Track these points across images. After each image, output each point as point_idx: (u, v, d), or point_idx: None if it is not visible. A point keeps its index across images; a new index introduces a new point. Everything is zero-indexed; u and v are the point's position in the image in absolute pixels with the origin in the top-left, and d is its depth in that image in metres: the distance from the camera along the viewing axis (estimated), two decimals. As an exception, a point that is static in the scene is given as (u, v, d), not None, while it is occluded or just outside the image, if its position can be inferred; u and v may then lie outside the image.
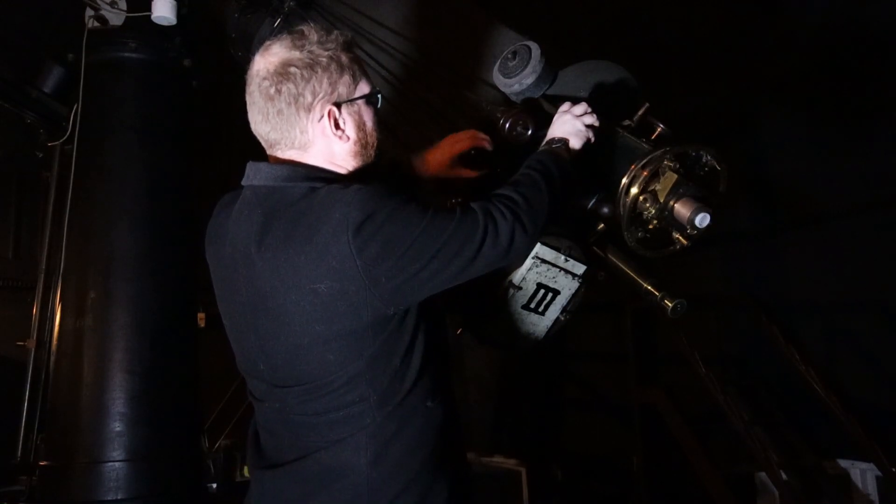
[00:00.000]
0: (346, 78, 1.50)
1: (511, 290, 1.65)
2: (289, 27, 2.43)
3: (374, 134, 1.56)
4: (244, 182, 1.54)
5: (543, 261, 1.65)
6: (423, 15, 2.09)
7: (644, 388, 4.87)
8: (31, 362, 3.54)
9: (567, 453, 5.99)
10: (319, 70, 1.46)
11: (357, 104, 1.52)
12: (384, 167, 1.74)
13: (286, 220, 1.41)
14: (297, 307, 1.41)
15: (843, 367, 4.32)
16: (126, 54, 3.31)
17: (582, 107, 1.65)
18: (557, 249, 1.68)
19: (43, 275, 3.65)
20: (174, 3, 3.18)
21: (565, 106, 1.66)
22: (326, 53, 1.48)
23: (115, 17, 3.26)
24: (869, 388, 4.17)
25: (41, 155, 3.69)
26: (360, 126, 1.53)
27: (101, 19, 3.25)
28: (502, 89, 1.64)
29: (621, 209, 1.57)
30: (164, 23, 3.21)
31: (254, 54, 1.55)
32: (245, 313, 1.51)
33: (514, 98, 1.65)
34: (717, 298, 5.02)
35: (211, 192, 1.63)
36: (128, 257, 3.16)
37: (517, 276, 1.65)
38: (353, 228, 1.34)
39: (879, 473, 4.04)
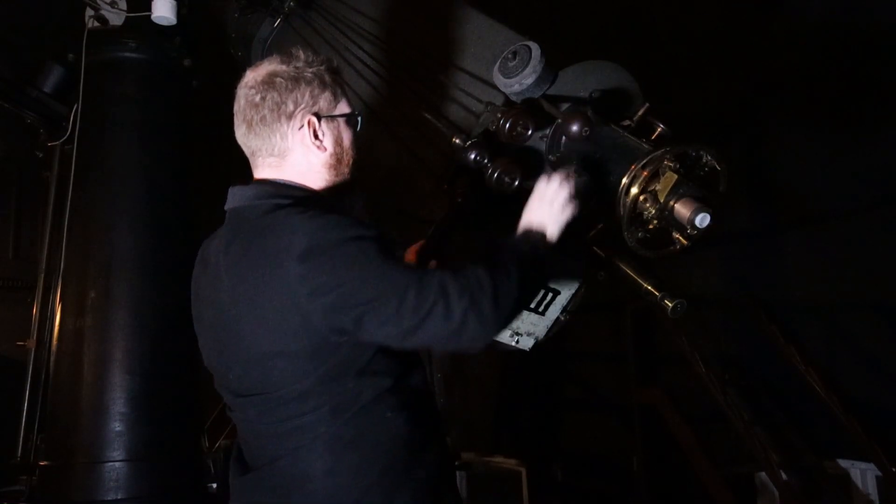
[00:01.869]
0: (328, 94, 1.57)
1: None
2: (290, 27, 2.44)
3: (351, 152, 1.62)
4: (226, 206, 1.59)
5: None
6: (423, 15, 2.09)
7: (644, 388, 4.87)
8: (31, 362, 3.53)
9: (567, 453, 5.98)
10: (303, 83, 1.54)
11: (337, 121, 1.59)
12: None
13: (247, 235, 1.47)
14: (249, 320, 1.45)
15: (843, 367, 4.31)
16: (126, 54, 3.32)
17: (556, 182, 1.58)
18: None
19: (43, 275, 3.64)
20: (174, 3, 3.19)
21: (542, 183, 1.58)
22: (311, 70, 1.56)
23: (115, 17, 3.26)
24: (869, 388, 4.17)
25: (41, 155, 3.68)
26: (338, 141, 1.59)
27: (101, 19, 3.25)
28: (502, 89, 1.64)
29: (621, 209, 1.57)
30: (164, 23, 3.21)
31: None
32: (213, 325, 1.56)
33: (514, 98, 1.65)
34: (717, 298, 5.01)
35: (211, 192, 1.65)
36: (128, 257, 3.16)
37: None
38: (297, 256, 1.37)
39: (879, 473, 4.03)
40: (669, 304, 1.64)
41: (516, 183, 1.62)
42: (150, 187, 3.27)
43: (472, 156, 1.62)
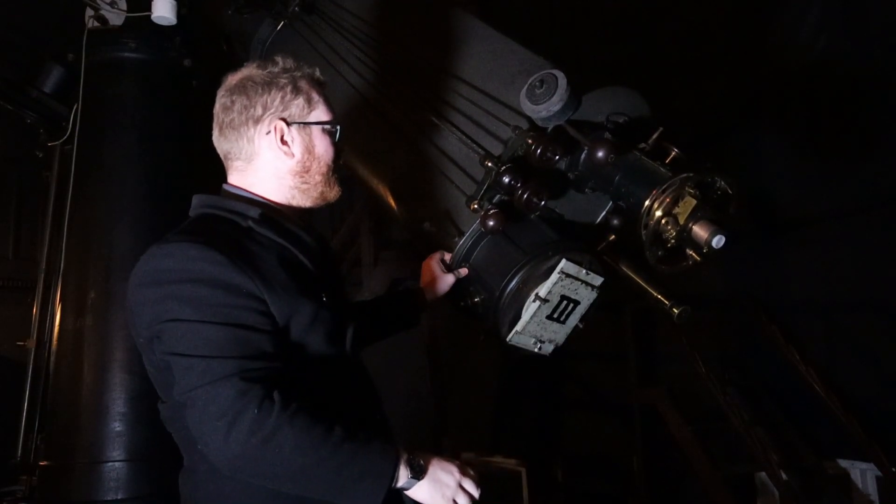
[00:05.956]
0: (300, 101, 1.53)
1: (539, 303, 1.70)
2: (293, 30, 2.43)
3: (324, 161, 1.56)
4: None
5: (568, 275, 1.71)
6: (437, 32, 2.08)
7: (644, 388, 4.88)
8: (31, 362, 3.53)
9: (567, 453, 5.99)
10: (274, 89, 1.51)
11: (310, 129, 1.54)
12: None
13: None
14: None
15: (843, 367, 4.32)
16: (126, 54, 3.30)
17: (467, 477, 1.44)
18: (580, 264, 1.74)
19: (43, 275, 3.63)
20: (174, 3, 3.17)
21: (451, 468, 1.43)
22: (286, 76, 1.53)
23: (115, 17, 3.24)
24: (869, 388, 4.18)
25: (41, 155, 3.67)
26: (308, 149, 1.54)
27: (101, 19, 3.24)
28: (529, 114, 1.70)
29: (643, 230, 1.63)
30: (164, 23, 3.20)
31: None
32: None
33: (540, 123, 1.71)
34: (717, 298, 5.02)
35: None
36: (128, 257, 3.14)
37: (544, 290, 1.70)
38: (136, 282, 1.38)
39: (879, 473, 4.05)
40: (676, 311, 1.72)
41: (543, 203, 1.69)
42: (150, 187, 3.26)
43: (507, 179, 1.67)
